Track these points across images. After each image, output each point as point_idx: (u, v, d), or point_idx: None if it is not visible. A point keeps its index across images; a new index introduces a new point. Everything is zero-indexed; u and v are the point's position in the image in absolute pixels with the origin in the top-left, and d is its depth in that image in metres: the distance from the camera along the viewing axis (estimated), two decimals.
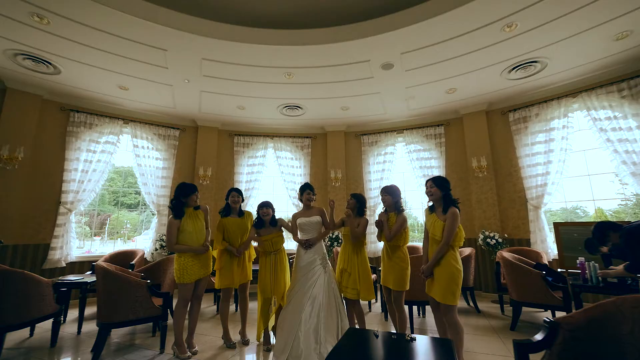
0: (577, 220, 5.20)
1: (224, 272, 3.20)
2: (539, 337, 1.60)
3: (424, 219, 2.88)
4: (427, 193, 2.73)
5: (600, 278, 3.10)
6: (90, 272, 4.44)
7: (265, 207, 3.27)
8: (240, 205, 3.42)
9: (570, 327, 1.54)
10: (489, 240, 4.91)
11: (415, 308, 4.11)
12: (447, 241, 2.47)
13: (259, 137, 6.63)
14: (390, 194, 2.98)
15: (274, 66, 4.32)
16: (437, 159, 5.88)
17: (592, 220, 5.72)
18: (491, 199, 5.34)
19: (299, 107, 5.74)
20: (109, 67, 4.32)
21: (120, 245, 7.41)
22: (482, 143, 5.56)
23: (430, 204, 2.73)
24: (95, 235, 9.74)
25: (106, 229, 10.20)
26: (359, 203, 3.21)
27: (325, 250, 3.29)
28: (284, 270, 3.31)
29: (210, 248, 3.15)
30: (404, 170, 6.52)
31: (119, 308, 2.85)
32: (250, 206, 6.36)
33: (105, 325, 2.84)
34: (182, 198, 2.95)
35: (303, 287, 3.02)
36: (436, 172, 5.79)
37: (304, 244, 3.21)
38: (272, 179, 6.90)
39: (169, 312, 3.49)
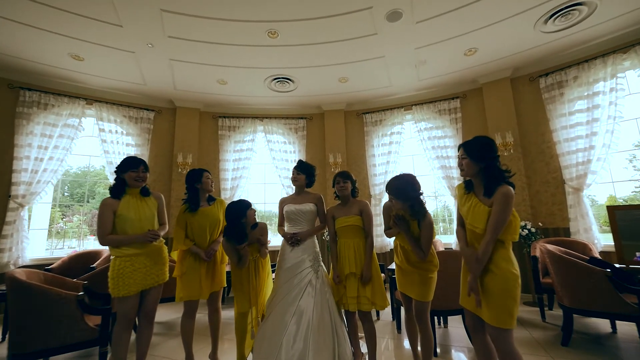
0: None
1: (187, 279, 2.40)
2: None
3: (456, 200, 2.05)
4: (458, 165, 1.89)
5: None
6: None
7: (251, 208, 2.36)
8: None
9: None
10: (520, 230, 4.07)
11: (436, 318, 3.30)
12: (494, 236, 1.61)
13: (246, 119, 5.81)
14: (399, 196, 2.04)
15: (252, 20, 3.47)
16: (453, 137, 5.03)
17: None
18: (519, 181, 4.49)
19: (290, 80, 4.90)
20: (50, 26, 3.49)
21: None
22: (506, 116, 4.69)
23: (466, 179, 1.89)
24: (91, 235, 9.12)
25: None
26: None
27: (318, 249, 2.49)
28: (267, 274, 2.53)
29: (165, 247, 2.37)
30: (413, 152, 5.69)
31: (36, 332, 2.08)
32: (239, 197, 5.58)
33: (18, 356, 2.07)
34: (120, 174, 2.21)
35: (287, 298, 2.22)
36: (451, 153, 4.94)
37: (290, 239, 2.41)
38: (262, 166, 6.10)
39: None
